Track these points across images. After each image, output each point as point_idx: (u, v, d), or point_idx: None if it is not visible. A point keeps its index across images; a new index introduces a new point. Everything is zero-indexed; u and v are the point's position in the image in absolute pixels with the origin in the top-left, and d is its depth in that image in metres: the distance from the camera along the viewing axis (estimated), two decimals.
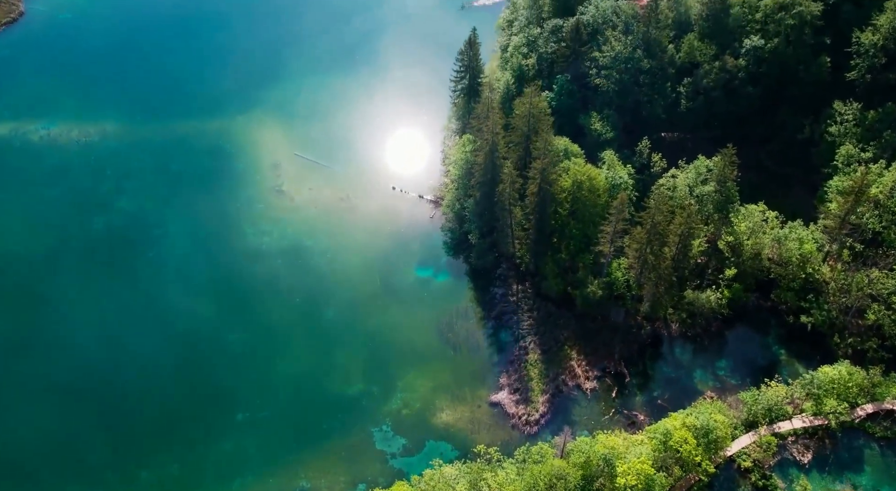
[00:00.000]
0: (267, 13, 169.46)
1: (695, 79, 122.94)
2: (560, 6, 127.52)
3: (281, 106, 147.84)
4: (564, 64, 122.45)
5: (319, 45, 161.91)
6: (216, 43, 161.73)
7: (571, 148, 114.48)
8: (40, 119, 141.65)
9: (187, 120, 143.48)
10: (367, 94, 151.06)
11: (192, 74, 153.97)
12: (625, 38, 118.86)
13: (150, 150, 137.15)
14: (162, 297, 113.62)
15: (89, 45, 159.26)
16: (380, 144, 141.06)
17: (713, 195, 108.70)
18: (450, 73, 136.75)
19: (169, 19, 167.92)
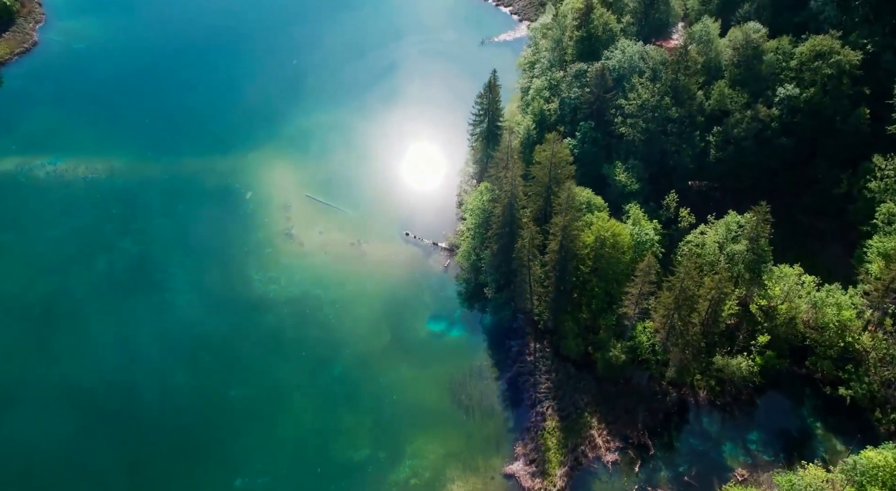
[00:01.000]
0: (283, 48, 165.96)
1: (725, 128, 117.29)
2: (584, 50, 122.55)
3: (293, 143, 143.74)
4: (588, 110, 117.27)
5: (334, 80, 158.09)
6: (231, 76, 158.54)
7: (594, 200, 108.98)
8: (48, 153, 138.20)
9: (197, 156, 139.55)
10: (381, 133, 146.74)
11: (205, 108, 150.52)
12: (652, 85, 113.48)
13: (157, 189, 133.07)
14: (163, 348, 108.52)
15: (102, 76, 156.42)
16: (393, 186, 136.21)
17: (745, 254, 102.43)
18: (468, 113, 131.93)
19: (184, 50, 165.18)
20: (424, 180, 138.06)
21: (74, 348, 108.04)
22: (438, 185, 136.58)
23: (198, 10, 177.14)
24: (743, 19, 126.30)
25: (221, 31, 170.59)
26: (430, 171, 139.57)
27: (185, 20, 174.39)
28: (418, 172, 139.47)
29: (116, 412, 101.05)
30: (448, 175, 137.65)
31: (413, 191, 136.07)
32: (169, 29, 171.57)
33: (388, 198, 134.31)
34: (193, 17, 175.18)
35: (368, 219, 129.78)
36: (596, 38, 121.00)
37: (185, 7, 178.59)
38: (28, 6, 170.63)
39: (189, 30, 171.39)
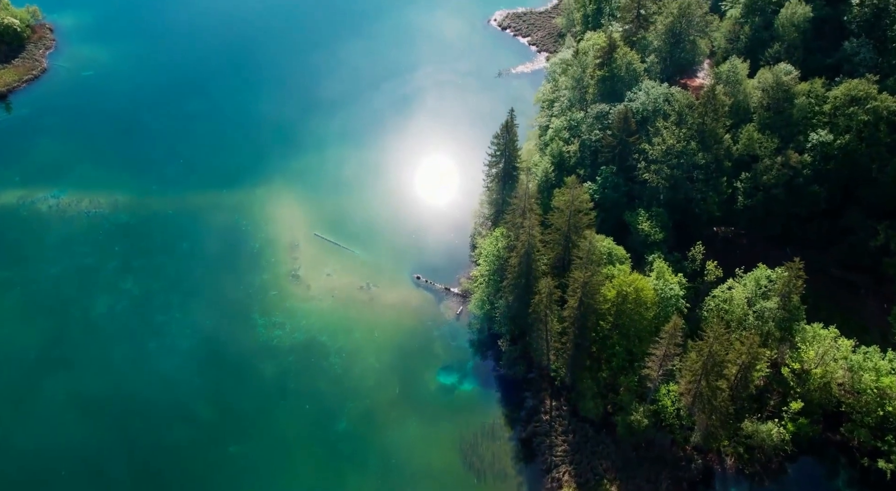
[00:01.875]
0: (296, 77, 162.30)
1: (753, 174, 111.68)
2: (606, 90, 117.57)
3: (303, 177, 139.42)
4: (610, 154, 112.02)
5: (347, 111, 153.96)
6: (241, 105, 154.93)
7: (616, 251, 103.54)
8: (51, 186, 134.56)
9: (204, 191, 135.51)
10: (394, 168, 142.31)
11: (213, 139, 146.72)
12: (678, 130, 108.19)
13: (161, 225, 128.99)
14: (161, 399, 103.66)
15: (109, 105, 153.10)
16: (405, 226, 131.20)
17: (776, 312, 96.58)
18: (483, 149, 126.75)
19: (195, 78, 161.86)
20: (437, 220, 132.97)
21: (66, 399, 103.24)
22: (452, 225, 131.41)
23: (211, 38, 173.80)
24: (772, 59, 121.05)
25: (234, 59, 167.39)
26: (443, 210, 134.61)
27: (197, 47, 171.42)
28: (431, 211, 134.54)
29: (106, 471, 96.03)
30: (462, 215, 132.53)
31: (425, 231, 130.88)
32: (180, 56, 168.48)
33: (400, 238, 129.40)
34: (206, 43, 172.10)
35: (379, 260, 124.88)
36: (618, 78, 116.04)
37: (198, 34, 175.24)
38: (39, 32, 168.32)
39: (201, 57, 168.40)
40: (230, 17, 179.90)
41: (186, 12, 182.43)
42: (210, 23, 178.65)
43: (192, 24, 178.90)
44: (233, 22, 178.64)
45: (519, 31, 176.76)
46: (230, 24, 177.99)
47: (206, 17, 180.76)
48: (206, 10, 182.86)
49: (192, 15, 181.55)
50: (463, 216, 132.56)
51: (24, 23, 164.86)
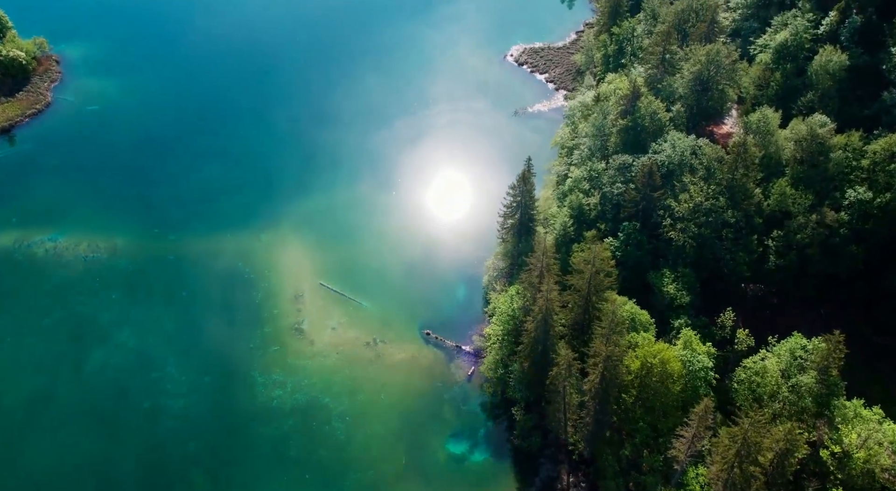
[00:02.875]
0: (306, 114, 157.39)
1: (786, 232, 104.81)
2: (629, 140, 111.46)
3: (310, 222, 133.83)
4: (633, 209, 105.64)
5: (358, 151, 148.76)
6: (248, 144, 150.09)
7: (640, 316, 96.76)
8: (49, 228, 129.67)
9: (207, 235, 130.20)
10: (405, 213, 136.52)
11: (219, 180, 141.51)
12: (706, 186, 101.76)
13: (161, 272, 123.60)
14: (152, 466, 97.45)
15: (113, 141, 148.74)
16: (415, 275, 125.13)
17: (813, 387, 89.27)
18: (498, 194, 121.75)
19: (201, 115, 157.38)
20: (450, 269, 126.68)
21: (51, 466, 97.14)
22: (464, 275, 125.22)
23: (223, 71, 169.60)
24: (806, 109, 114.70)
25: (245, 94, 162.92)
26: (455, 259, 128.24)
27: (208, 80, 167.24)
28: (443, 260, 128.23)
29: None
30: (475, 264, 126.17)
31: (437, 281, 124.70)
32: (190, 89, 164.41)
33: (410, 288, 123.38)
34: (217, 77, 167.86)
35: (387, 313, 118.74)
36: (642, 128, 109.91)
37: (209, 66, 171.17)
38: (45, 64, 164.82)
39: (211, 91, 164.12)
40: (244, 50, 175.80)
41: (199, 44, 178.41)
42: (223, 56, 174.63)
43: (204, 56, 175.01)
44: (246, 55, 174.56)
45: (536, 67, 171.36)
46: (243, 56, 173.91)
47: (219, 49, 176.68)
48: (219, 43, 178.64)
49: (205, 47, 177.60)
50: (476, 266, 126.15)
51: (30, 55, 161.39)
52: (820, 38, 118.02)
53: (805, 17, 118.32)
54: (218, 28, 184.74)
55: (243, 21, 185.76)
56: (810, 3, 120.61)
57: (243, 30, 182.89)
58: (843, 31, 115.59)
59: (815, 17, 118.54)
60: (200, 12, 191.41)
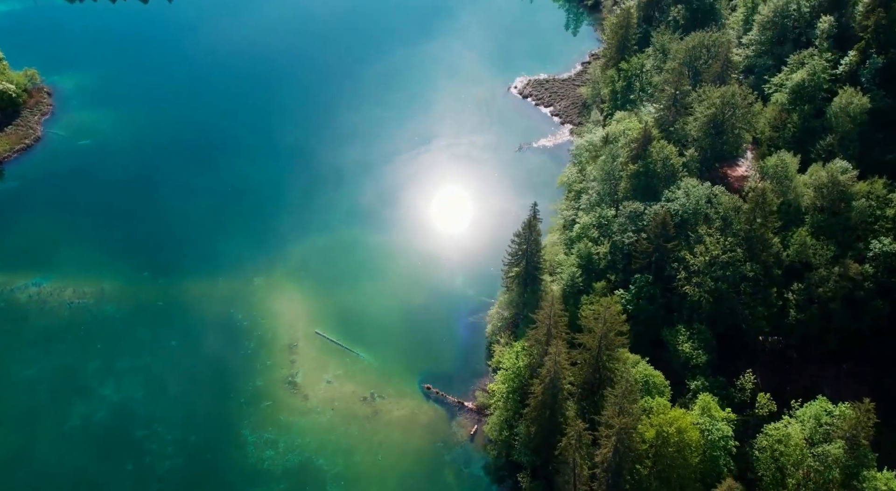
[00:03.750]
0: (304, 149, 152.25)
1: (807, 285, 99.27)
2: (640, 185, 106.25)
3: (306, 265, 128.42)
4: (645, 261, 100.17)
5: (358, 189, 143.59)
6: (245, 180, 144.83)
7: (654, 378, 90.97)
8: (34, 272, 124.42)
9: (198, 279, 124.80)
10: (404, 255, 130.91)
11: (212, 220, 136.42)
12: (723, 238, 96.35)
13: (150, 319, 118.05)
14: None
15: (103, 178, 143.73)
16: (414, 324, 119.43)
17: (841, 458, 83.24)
18: (502, 238, 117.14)
19: (196, 150, 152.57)
20: (451, 317, 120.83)
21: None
22: (467, 324, 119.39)
23: (219, 103, 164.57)
24: (825, 153, 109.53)
25: (239, 128, 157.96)
26: (457, 305, 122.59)
27: (204, 112, 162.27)
28: (444, 306, 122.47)
29: None
30: (477, 311, 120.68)
31: (438, 330, 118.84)
32: (182, 122, 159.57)
33: (409, 337, 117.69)
34: (214, 109, 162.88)
35: (385, 365, 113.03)
36: (654, 173, 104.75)
37: (205, 98, 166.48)
38: (36, 97, 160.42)
39: (207, 124, 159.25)
40: (240, 80, 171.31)
41: (195, 73, 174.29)
42: (219, 85, 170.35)
43: (201, 85, 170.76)
44: (242, 85, 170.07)
45: (541, 99, 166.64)
46: (239, 87, 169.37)
47: (216, 78, 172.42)
48: (215, 71, 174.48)
49: (202, 76, 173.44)
50: (479, 311, 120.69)
51: (21, 87, 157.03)
52: (839, 79, 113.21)
53: (823, 57, 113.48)
54: (214, 56, 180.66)
55: (239, 51, 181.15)
56: (828, 41, 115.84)
57: (239, 60, 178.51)
58: (864, 71, 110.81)
59: (833, 57, 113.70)
60: (198, 41, 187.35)
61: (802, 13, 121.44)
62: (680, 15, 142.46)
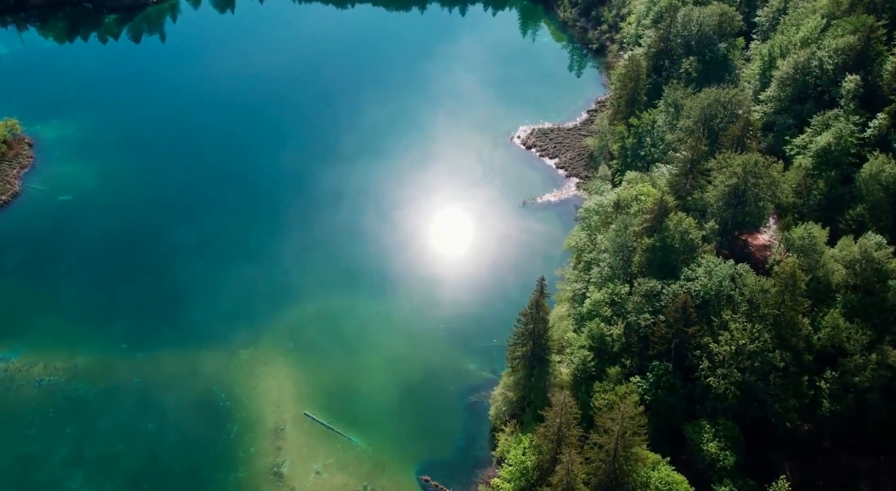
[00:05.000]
0: (297, 206, 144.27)
1: (841, 373, 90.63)
2: (656, 261, 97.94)
3: (295, 335, 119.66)
4: (663, 347, 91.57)
5: (353, 250, 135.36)
6: (233, 239, 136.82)
7: (677, 484, 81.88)
8: (2, 344, 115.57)
9: (179, 352, 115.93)
10: (401, 325, 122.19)
11: (198, 283, 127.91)
12: (749, 325, 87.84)
13: (125, 399, 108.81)
14: None
15: (84, 237, 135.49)
16: (412, 403, 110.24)
17: None
18: (506, 308, 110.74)
19: (185, 204, 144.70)
20: (451, 395, 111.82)
21: None
22: (468, 404, 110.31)
23: (208, 154, 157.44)
24: (854, 223, 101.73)
25: (231, 180, 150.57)
26: (457, 381, 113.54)
27: (192, 164, 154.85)
28: (443, 382, 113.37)
29: None
30: (479, 388, 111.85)
31: (437, 409, 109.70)
32: (173, 174, 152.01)
33: (406, 419, 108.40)
34: (203, 161, 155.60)
35: (380, 452, 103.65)
36: (671, 248, 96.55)
37: (194, 150, 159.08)
38: (16, 148, 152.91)
39: (195, 176, 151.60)
40: (231, 132, 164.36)
41: (183, 122, 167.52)
42: (209, 137, 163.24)
43: (189, 136, 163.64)
44: (233, 136, 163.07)
45: (545, 150, 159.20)
46: (230, 139, 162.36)
47: (206, 130, 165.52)
48: (204, 123, 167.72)
49: (191, 127, 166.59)
50: (481, 388, 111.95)
51: (0, 139, 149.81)
52: (868, 143, 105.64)
53: (849, 120, 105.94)
54: (208, 100, 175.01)
55: (230, 102, 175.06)
56: (854, 102, 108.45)
57: (229, 110, 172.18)
58: (895, 136, 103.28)
59: (861, 120, 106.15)
60: (191, 82, 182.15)
61: (825, 70, 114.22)
62: (692, 67, 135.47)
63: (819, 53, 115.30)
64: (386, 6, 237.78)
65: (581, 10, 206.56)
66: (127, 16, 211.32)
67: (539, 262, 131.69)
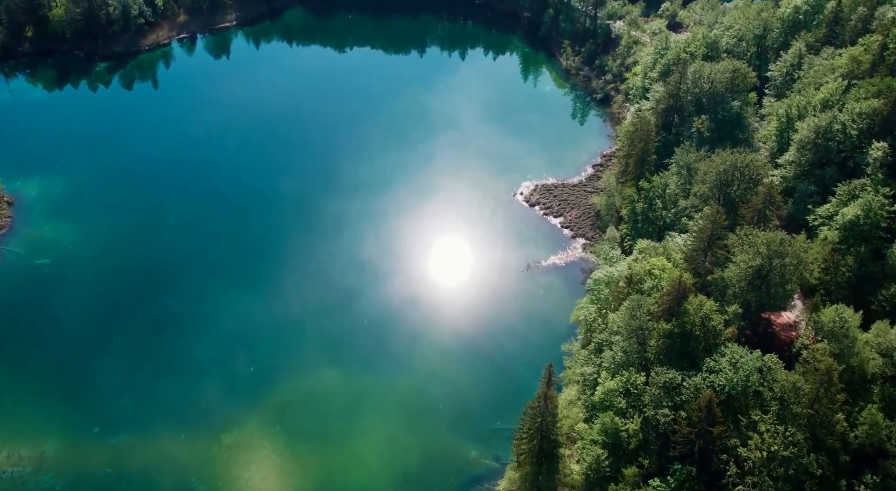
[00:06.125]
0: (287, 273, 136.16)
1: (883, 476, 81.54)
2: (675, 348, 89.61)
3: (283, 416, 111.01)
4: (685, 448, 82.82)
5: (345, 320, 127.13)
6: (218, 308, 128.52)
7: None
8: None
9: (156, 436, 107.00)
10: (397, 406, 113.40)
11: (179, 357, 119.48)
12: (782, 428, 79.31)
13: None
14: None
15: (59, 305, 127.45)
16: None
17: None
18: (508, 390, 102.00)
19: (169, 269, 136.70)
20: (452, 487, 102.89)
21: None
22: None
23: (195, 217, 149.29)
24: (888, 304, 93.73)
25: (219, 244, 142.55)
26: (457, 475, 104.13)
27: (179, 226, 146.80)
28: (442, 477, 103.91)
29: None
30: (482, 482, 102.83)
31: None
32: (157, 236, 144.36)
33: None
34: (189, 224, 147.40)
35: None
36: (691, 335, 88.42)
37: (181, 211, 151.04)
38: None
39: (181, 239, 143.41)
40: (224, 189, 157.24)
41: (176, 177, 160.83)
42: (200, 194, 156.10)
43: (179, 194, 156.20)
44: (226, 196, 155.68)
45: (549, 208, 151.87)
46: (222, 198, 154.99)
47: (197, 185, 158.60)
48: (198, 177, 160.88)
49: (182, 182, 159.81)
50: (485, 478, 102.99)
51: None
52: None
53: (878, 191, 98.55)
54: (196, 158, 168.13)
55: (224, 153, 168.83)
56: (882, 171, 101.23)
57: (223, 163, 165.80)
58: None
59: (891, 191, 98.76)
60: (177, 136, 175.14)
61: (848, 135, 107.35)
62: (704, 126, 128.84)
63: (841, 117, 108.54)
64: (385, 49, 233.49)
65: (584, 58, 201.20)
66: (118, 64, 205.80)
67: (545, 333, 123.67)
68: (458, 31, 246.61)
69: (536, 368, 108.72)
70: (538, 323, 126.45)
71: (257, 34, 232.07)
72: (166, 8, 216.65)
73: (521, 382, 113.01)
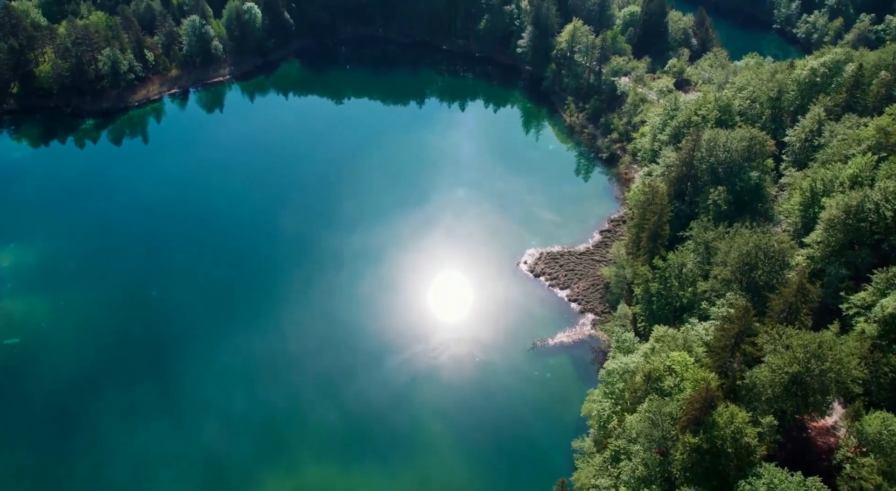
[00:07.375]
0: (276, 350, 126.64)
1: None
2: (703, 465, 79.14)
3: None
4: None
5: (339, 403, 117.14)
6: (199, 396, 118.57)
7: None
8: None
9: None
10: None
11: (157, 448, 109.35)
12: None
13: None
14: None
15: (29, 391, 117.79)
16: None
17: None
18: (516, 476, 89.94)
19: (148, 347, 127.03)
20: None
21: None
22: None
23: (181, 289, 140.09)
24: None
25: (202, 321, 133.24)
26: None
27: (160, 299, 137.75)
28: None
29: None
30: None
31: None
32: (137, 310, 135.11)
33: None
34: (172, 296, 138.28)
35: None
36: (722, 452, 78.53)
37: (165, 280, 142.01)
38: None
39: (162, 314, 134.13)
40: (210, 259, 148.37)
41: (160, 242, 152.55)
42: (185, 263, 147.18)
43: (162, 261, 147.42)
44: (213, 263, 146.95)
45: (555, 280, 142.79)
46: (209, 267, 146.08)
47: (181, 256, 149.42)
48: (179, 251, 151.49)
49: (166, 247, 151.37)
50: None
51: None
52: None
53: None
54: (185, 220, 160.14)
55: (215, 215, 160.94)
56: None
57: (214, 225, 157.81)
58: None
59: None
60: (166, 196, 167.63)
61: (882, 216, 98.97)
62: (721, 198, 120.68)
63: (873, 196, 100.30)
64: (383, 100, 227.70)
65: (588, 115, 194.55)
66: (107, 120, 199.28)
67: (553, 424, 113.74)
68: (459, 85, 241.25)
69: (544, 466, 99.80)
70: (546, 412, 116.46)
71: (252, 88, 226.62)
72: (157, 62, 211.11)
73: (527, 486, 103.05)
